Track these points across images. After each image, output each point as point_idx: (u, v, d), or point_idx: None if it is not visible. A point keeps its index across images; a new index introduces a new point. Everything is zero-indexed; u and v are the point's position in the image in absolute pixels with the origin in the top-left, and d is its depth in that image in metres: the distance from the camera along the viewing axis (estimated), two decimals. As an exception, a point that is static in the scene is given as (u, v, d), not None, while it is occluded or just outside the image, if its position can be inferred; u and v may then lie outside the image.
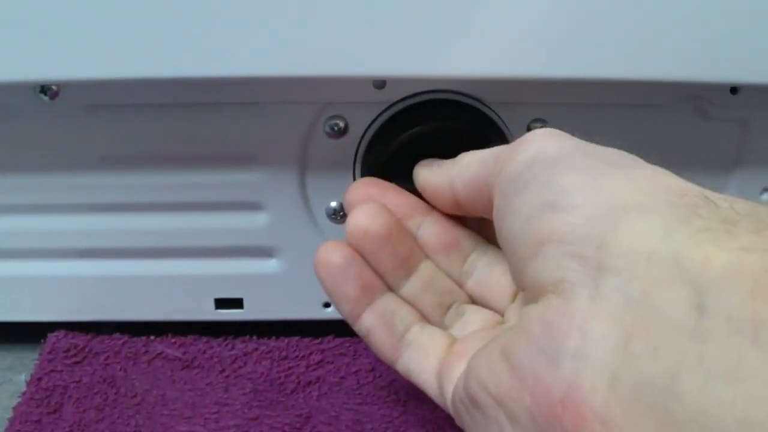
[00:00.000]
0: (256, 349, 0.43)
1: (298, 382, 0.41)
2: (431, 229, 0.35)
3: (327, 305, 0.44)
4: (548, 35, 0.35)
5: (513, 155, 0.30)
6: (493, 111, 0.40)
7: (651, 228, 0.23)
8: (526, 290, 0.27)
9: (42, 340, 0.44)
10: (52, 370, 0.42)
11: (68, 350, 0.43)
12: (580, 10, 0.35)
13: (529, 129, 0.40)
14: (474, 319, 0.35)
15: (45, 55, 0.34)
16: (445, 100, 0.39)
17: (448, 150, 0.35)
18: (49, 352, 0.43)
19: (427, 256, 0.35)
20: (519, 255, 0.27)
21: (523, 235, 0.27)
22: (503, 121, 0.40)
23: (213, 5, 0.34)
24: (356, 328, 0.34)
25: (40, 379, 0.42)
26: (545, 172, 0.28)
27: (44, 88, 0.38)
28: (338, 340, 0.44)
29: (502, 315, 0.35)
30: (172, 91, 0.38)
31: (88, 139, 0.40)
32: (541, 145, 0.29)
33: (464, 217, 0.36)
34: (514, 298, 0.34)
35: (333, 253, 0.34)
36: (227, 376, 0.42)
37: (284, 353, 0.43)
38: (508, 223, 0.28)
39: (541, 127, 0.40)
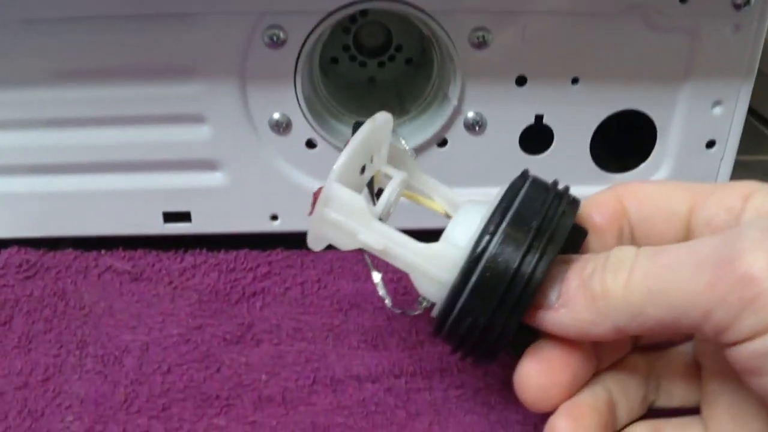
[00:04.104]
0: (205, 262, 0.44)
1: (243, 293, 0.41)
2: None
3: (274, 218, 0.44)
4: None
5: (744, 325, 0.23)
6: (435, 20, 0.40)
7: None
8: None
9: (-5, 256, 0.45)
10: (4, 285, 0.43)
11: (20, 265, 0.44)
12: None
13: (471, 38, 0.40)
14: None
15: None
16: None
17: None
18: (2, 267, 0.44)
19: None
20: None
21: None
22: (446, 31, 0.40)
23: None
24: None
25: (-9, 293, 0.42)
26: None
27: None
28: (286, 252, 0.44)
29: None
30: (108, 2, 0.38)
31: (27, 54, 0.40)
32: None
33: None
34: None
35: None
36: (174, 288, 0.42)
37: (232, 265, 0.43)
38: None
39: (483, 36, 0.40)
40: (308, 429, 0.34)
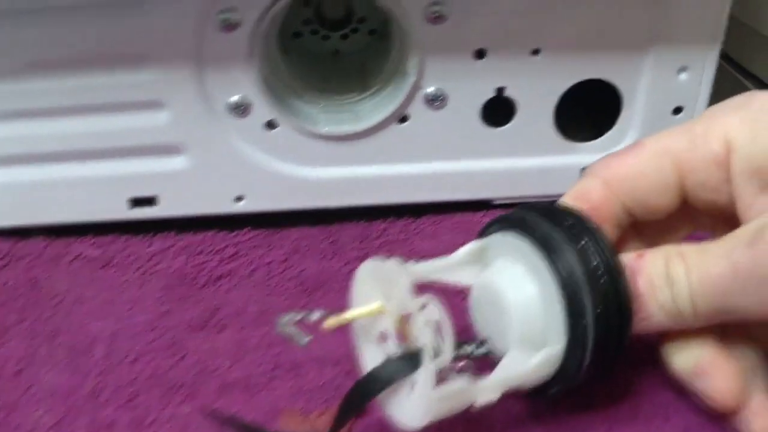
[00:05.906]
0: (173, 245, 0.44)
1: (210, 277, 0.42)
2: None
3: (239, 198, 0.44)
4: None
5: None
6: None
7: None
8: None
9: (-32, 248, 0.45)
10: (-23, 276, 0.43)
11: (-8, 256, 0.44)
12: None
13: (427, 13, 0.39)
14: None
15: None
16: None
17: None
18: (-25, 259, 0.44)
19: None
20: None
21: None
22: (401, 7, 0.39)
23: None
24: None
25: (-35, 285, 0.43)
26: None
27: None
28: (253, 233, 0.45)
29: None
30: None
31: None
32: None
33: None
34: None
35: None
36: (143, 273, 0.42)
37: (200, 248, 0.44)
38: None
39: (439, 11, 0.39)
40: (269, 414, 0.34)
